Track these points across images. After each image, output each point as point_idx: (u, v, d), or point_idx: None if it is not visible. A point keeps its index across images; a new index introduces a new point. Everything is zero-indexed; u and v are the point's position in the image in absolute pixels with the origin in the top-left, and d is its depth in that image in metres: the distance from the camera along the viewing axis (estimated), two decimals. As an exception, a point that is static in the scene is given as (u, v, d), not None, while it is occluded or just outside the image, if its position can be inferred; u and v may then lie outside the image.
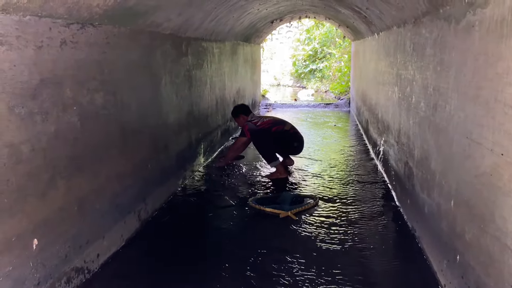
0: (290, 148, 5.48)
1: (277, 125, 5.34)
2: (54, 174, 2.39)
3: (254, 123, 5.32)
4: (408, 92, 3.69)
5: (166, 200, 4.21)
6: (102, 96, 2.91)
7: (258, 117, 5.58)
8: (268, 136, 5.19)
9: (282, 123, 5.42)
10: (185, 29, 4.63)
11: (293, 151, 5.53)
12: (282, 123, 5.41)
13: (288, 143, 5.41)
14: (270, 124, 5.30)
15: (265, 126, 5.27)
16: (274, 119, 5.51)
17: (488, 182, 1.93)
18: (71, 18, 2.52)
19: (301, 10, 8.32)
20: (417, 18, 3.34)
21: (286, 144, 5.39)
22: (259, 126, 5.26)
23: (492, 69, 1.88)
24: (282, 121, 5.47)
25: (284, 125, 5.40)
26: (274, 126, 5.30)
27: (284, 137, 5.31)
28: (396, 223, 3.67)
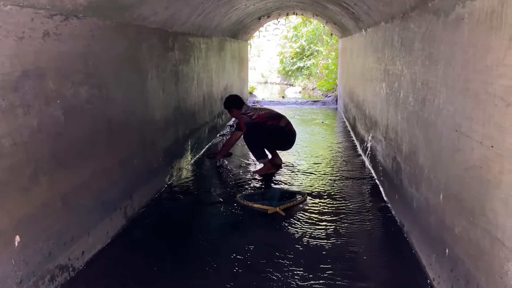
0: (281, 145, 5.43)
1: (273, 119, 5.24)
2: (36, 169, 2.32)
3: (249, 116, 5.21)
4: (396, 87, 3.69)
5: (153, 197, 4.16)
6: (87, 89, 2.84)
7: (253, 109, 5.41)
8: (261, 132, 5.11)
9: (277, 117, 5.30)
10: (172, 24, 4.57)
11: (283, 147, 5.49)
12: (277, 118, 5.29)
13: (281, 140, 5.34)
14: (265, 118, 5.20)
15: (260, 120, 5.17)
16: (270, 112, 5.36)
17: (477, 175, 1.92)
18: (54, 9, 2.45)
19: (289, 7, 8.30)
20: (405, 12, 3.34)
21: (278, 139, 5.33)
22: (254, 120, 5.17)
23: (482, 61, 1.87)
24: (277, 115, 5.34)
25: (279, 120, 5.28)
26: (270, 120, 5.21)
27: (277, 133, 5.24)
28: (384, 218, 3.67)
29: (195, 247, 3.20)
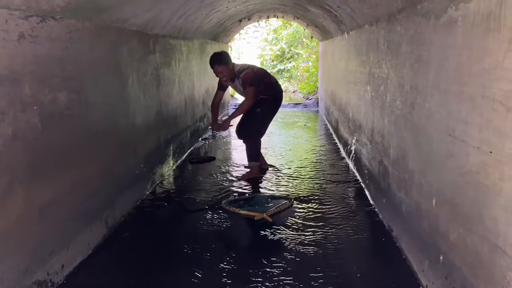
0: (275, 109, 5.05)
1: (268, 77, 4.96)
2: (12, 179, 2.18)
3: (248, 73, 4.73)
4: (382, 90, 3.66)
5: (135, 205, 4.02)
6: (65, 95, 2.70)
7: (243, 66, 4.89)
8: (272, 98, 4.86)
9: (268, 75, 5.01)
10: (153, 26, 4.44)
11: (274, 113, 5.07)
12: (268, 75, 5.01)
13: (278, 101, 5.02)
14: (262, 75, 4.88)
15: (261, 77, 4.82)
16: (261, 69, 5.04)
17: (474, 181, 1.88)
18: (30, 10, 2.31)
19: (270, 9, 8.25)
20: (392, 15, 3.31)
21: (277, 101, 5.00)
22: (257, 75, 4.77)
23: (478, 64, 1.83)
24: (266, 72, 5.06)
25: (270, 77, 5.00)
26: (266, 78, 4.92)
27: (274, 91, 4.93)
28: (372, 223, 3.63)
29: (180, 256, 3.08)
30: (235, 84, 4.88)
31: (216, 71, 4.72)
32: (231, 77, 4.81)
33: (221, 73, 4.74)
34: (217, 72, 4.73)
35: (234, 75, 4.80)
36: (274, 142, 7.00)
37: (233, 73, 4.79)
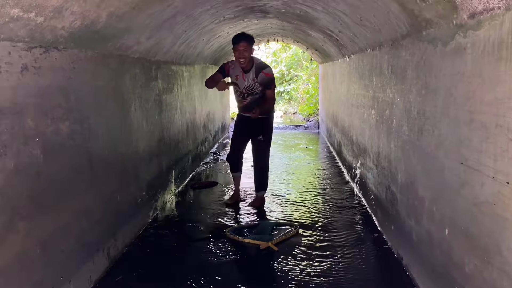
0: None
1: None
2: (13, 215, 2.11)
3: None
4: (387, 115, 3.63)
5: (137, 234, 3.93)
6: (67, 125, 2.66)
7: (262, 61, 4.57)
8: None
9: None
10: (155, 53, 4.45)
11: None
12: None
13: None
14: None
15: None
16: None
17: (490, 212, 1.82)
18: (34, 41, 2.29)
19: (270, 33, 8.31)
20: (395, 40, 3.30)
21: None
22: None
23: (490, 93, 1.80)
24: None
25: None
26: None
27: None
28: (381, 250, 3.54)
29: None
30: (247, 76, 4.32)
31: (240, 48, 4.19)
32: (248, 64, 4.30)
33: (245, 51, 4.19)
34: (240, 49, 4.18)
35: (252, 65, 4.33)
36: (276, 165, 6.94)
37: (252, 62, 4.33)
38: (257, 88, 4.36)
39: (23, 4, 1.98)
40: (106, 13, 2.77)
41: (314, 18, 5.02)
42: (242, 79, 4.35)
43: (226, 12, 4.98)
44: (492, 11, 1.76)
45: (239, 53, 4.21)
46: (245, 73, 4.33)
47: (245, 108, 4.53)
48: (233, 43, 4.28)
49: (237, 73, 4.37)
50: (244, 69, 4.32)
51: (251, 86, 4.36)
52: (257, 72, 4.31)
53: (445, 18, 2.24)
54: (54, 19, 2.30)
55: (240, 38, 4.22)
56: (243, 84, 4.37)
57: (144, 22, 3.49)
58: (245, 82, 4.34)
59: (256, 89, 4.37)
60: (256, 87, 4.36)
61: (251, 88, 4.37)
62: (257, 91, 4.39)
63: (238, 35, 4.29)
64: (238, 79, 4.36)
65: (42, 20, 2.21)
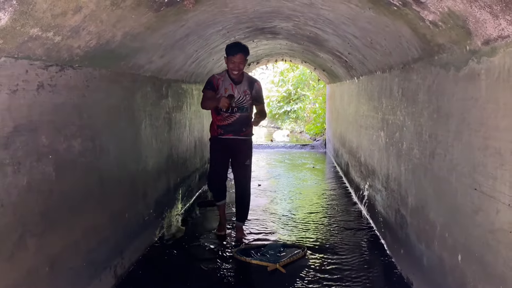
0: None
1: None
2: (24, 232, 2.11)
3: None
4: (397, 137, 3.62)
5: (144, 252, 3.91)
6: (80, 142, 2.68)
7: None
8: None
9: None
10: (166, 71, 4.49)
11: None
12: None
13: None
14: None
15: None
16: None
17: (507, 240, 1.80)
18: (50, 59, 2.33)
19: (279, 54, 8.39)
20: (407, 63, 3.32)
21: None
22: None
23: (506, 119, 1.79)
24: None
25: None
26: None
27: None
28: (390, 275, 3.49)
29: (191, 310, 2.95)
30: (237, 88, 4.10)
31: (235, 60, 3.98)
32: (240, 76, 4.15)
33: (241, 63, 4.01)
34: (235, 61, 3.98)
35: (242, 76, 4.18)
36: (283, 185, 6.92)
37: (242, 73, 4.17)
38: (247, 101, 4.15)
39: (42, 24, 2.01)
40: (121, 33, 2.82)
41: (324, 40, 5.06)
42: (231, 91, 4.07)
43: (237, 33, 5.04)
44: (508, 38, 1.77)
45: (234, 65, 4.00)
46: (235, 85, 4.11)
47: (230, 127, 4.15)
48: (228, 53, 4.02)
49: (226, 85, 4.09)
50: (234, 81, 4.11)
51: (242, 99, 4.12)
52: (250, 84, 4.17)
53: (458, 43, 2.25)
54: (71, 39, 2.34)
55: (237, 49, 4.00)
56: (238, 96, 4.12)
57: (157, 41, 3.54)
58: (235, 94, 4.07)
59: (246, 103, 4.14)
60: (246, 100, 4.14)
61: (241, 101, 4.12)
62: (246, 106, 4.15)
63: (235, 45, 4.06)
64: (227, 92, 4.05)
65: (59, 39, 2.24)
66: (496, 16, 1.75)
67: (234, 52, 3.98)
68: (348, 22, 3.67)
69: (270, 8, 4.02)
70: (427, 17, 2.32)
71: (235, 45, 4.07)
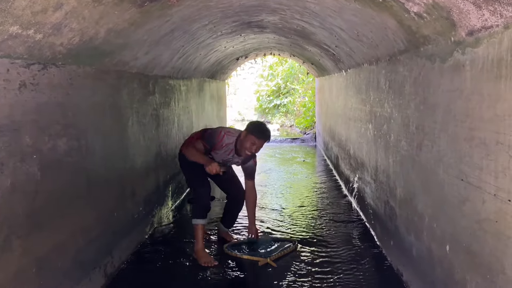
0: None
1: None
2: (9, 234, 2.08)
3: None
4: (385, 129, 3.63)
5: (134, 250, 3.88)
6: (65, 142, 2.64)
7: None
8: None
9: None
10: (152, 67, 4.45)
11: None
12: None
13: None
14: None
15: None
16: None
17: (493, 230, 1.81)
18: (32, 58, 2.28)
19: (267, 48, 8.35)
20: (393, 55, 3.32)
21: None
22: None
23: (490, 110, 1.80)
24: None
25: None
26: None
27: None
28: (380, 266, 3.51)
29: (183, 307, 2.95)
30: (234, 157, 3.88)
31: (258, 143, 3.68)
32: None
33: (259, 148, 3.75)
34: (257, 144, 3.69)
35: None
36: (273, 179, 6.92)
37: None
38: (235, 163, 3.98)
39: (22, 21, 1.97)
40: (105, 29, 2.78)
41: (311, 33, 5.05)
42: (227, 155, 3.85)
43: (224, 28, 5.00)
44: (491, 29, 1.77)
45: (252, 146, 3.65)
46: (236, 154, 3.85)
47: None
48: (253, 133, 3.67)
49: (227, 149, 3.81)
50: (238, 153, 3.82)
51: (229, 161, 3.93)
52: (247, 158, 3.90)
53: (443, 35, 2.26)
54: (53, 36, 2.30)
55: (263, 136, 3.69)
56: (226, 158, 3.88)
57: (142, 37, 3.49)
58: (228, 157, 3.86)
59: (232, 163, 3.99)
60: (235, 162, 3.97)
61: (227, 161, 3.91)
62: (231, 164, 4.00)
63: (263, 131, 3.73)
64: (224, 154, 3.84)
65: (41, 37, 2.20)
66: (479, 7, 1.75)
67: (259, 136, 3.67)
68: (334, 14, 3.66)
69: (256, 1, 3.99)
70: (412, 9, 2.32)
71: (263, 130, 3.75)
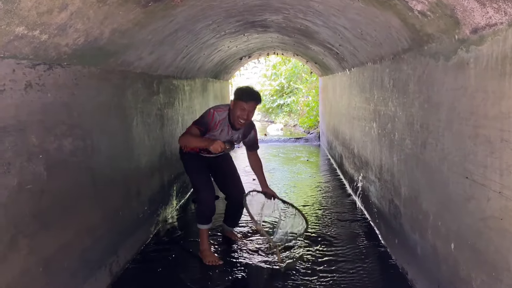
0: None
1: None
2: (16, 233, 2.10)
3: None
4: (389, 128, 3.63)
5: (139, 250, 3.90)
6: (70, 141, 2.66)
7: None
8: None
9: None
10: (157, 67, 4.47)
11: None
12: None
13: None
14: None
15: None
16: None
17: (498, 227, 1.81)
18: (38, 58, 2.30)
19: (270, 47, 8.36)
20: (397, 54, 3.32)
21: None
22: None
23: (495, 108, 1.80)
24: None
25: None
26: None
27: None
28: (385, 265, 3.51)
29: (188, 306, 2.96)
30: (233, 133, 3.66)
31: (246, 107, 3.45)
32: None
33: (251, 112, 3.51)
34: (246, 109, 3.45)
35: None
36: (277, 178, 6.92)
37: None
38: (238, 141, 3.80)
39: (28, 22, 1.99)
40: (109, 30, 2.79)
41: (315, 32, 5.05)
42: (226, 134, 3.62)
43: (227, 27, 5.01)
44: (495, 27, 1.77)
45: (243, 112, 3.44)
46: (233, 130, 3.63)
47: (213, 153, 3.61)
48: (239, 98, 3.45)
49: (223, 126, 3.58)
50: (234, 127, 3.60)
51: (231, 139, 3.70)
52: (247, 131, 3.75)
53: (447, 33, 2.26)
54: (58, 37, 2.32)
55: (252, 97, 3.45)
56: (225, 138, 3.60)
57: (146, 37, 3.51)
58: (227, 136, 3.63)
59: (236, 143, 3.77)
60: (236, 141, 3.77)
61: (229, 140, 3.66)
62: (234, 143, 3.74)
63: (249, 93, 3.49)
64: (222, 133, 3.60)
65: (46, 37, 2.22)
66: (483, 5, 1.75)
67: (246, 99, 3.43)
68: (337, 13, 3.66)
69: (260, 1, 4.00)
70: (416, 7, 2.32)
71: (249, 92, 3.49)
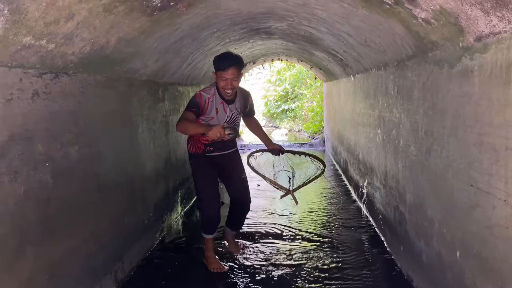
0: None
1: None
2: (22, 241, 2.11)
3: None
4: (394, 134, 3.63)
5: (144, 256, 3.91)
6: (77, 149, 2.68)
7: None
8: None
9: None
10: (162, 75, 4.50)
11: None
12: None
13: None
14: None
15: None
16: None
17: (503, 235, 1.80)
18: (44, 67, 2.33)
19: (275, 53, 8.39)
20: (401, 61, 3.32)
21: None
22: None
23: (500, 115, 1.80)
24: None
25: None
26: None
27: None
28: (390, 272, 3.49)
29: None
30: (231, 107, 3.41)
31: (227, 76, 3.18)
32: (234, 94, 3.41)
33: (235, 80, 3.23)
34: (228, 77, 3.19)
35: (236, 92, 3.45)
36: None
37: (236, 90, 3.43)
38: (239, 118, 3.60)
39: (35, 32, 2.01)
40: (115, 38, 2.82)
41: (319, 38, 5.06)
42: (223, 112, 3.39)
43: (232, 34, 5.04)
44: (499, 35, 1.78)
45: (225, 82, 3.20)
46: (228, 104, 3.40)
47: (219, 145, 3.53)
48: (218, 68, 3.22)
49: (217, 105, 3.34)
50: (226, 100, 3.37)
51: (234, 117, 3.49)
52: (244, 101, 3.56)
53: (451, 40, 2.26)
54: (64, 46, 2.34)
55: (229, 62, 3.18)
56: (224, 118, 3.40)
57: (152, 45, 3.54)
58: (227, 114, 3.41)
59: (238, 121, 3.57)
60: (238, 117, 3.57)
61: (233, 120, 3.48)
62: (238, 123, 3.59)
63: (225, 57, 3.24)
64: (218, 113, 3.37)
65: (53, 47, 2.25)
66: (487, 13, 1.76)
67: (225, 66, 3.17)
68: (341, 21, 3.67)
69: (264, 8, 4.02)
70: (420, 15, 2.33)
71: (226, 57, 3.24)
